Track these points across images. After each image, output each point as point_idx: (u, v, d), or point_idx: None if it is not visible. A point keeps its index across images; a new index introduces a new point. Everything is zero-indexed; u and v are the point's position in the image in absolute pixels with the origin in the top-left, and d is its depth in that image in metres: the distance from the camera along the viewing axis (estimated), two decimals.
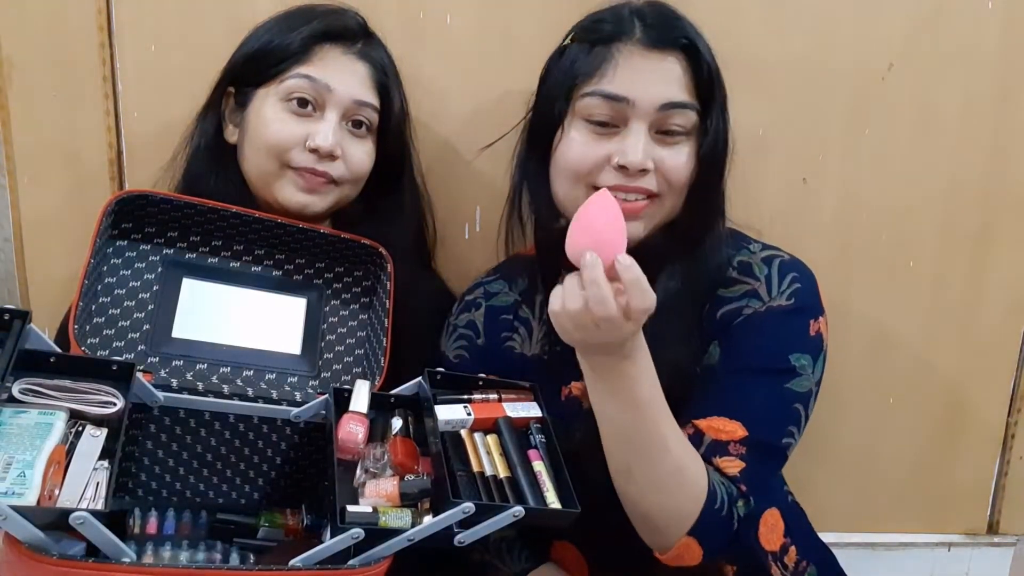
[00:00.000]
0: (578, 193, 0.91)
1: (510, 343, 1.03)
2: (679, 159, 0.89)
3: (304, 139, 0.99)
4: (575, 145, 0.91)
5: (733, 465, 0.85)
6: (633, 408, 0.80)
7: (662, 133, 0.89)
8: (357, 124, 1.02)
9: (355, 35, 1.03)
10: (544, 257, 1.00)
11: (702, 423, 0.87)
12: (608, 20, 0.92)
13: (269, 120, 0.99)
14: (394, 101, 1.05)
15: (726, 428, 0.86)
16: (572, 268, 0.79)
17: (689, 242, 0.93)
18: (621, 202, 0.87)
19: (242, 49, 1.03)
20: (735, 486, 0.85)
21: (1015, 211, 1.28)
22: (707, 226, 0.94)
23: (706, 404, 0.87)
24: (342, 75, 1.00)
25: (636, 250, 0.91)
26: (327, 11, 1.04)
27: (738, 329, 0.90)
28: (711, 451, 0.86)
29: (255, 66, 1.01)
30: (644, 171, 0.88)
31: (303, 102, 0.99)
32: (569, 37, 0.95)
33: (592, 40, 0.91)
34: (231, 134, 1.05)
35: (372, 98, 1.03)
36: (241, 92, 1.03)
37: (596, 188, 0.89)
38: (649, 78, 0.88)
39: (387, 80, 1.04)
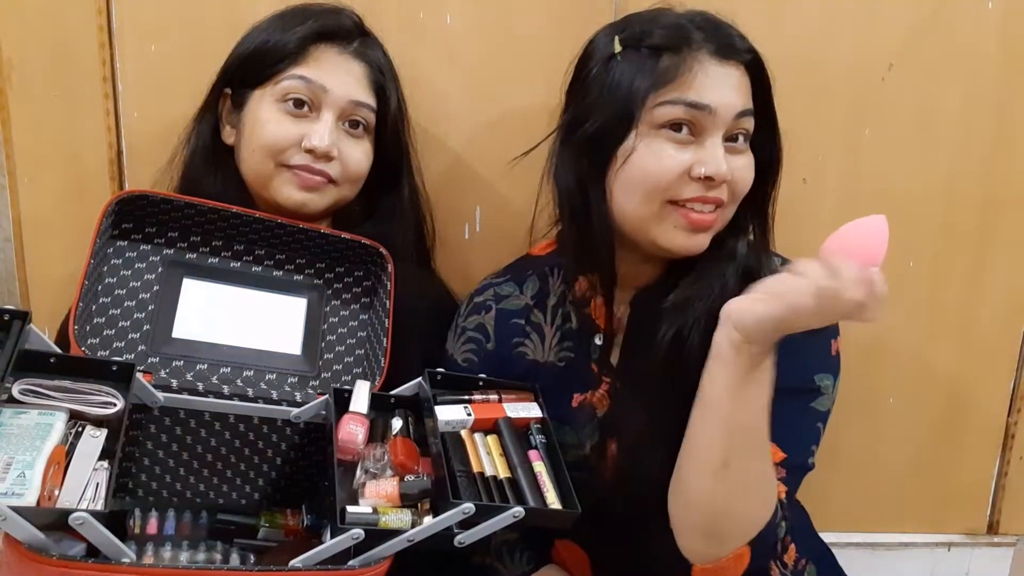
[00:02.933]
0: (651, 207, 0.88)
1: (521, 349, 1.03)
2: (746, 171, 0.90)
3: (300, 139, 0.98)
4: (654, 157, 0.87)
5: (780, 490, 0.86)
6: (762, 403, 0.80)
7: (730, 142, 0.89)
8: (354, 124, 1.02)
9: (351, 34, 1.03)
10: (576, 264, 0.98)
11: None
12: (667, 28, 0.88)
13: (265, 121, 0.99)
14: (391, 101, 1.05)
15: None
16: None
17: (731, 253, 0.93)
18: (699, 214, 0.88)
19: (238, 50, 1.03)
20: (782, 510, 0.86)
21: (1015, 211, 1.28)
22: (757, 235, 0.94)
23: None
24: (338, 75, 1.00)
25: (680, 264, 0.92)
26: (323, 11, 1.03)
27: None
28: None
29: (251, 67, 1.01)
30: (722, 182, 0.88)
31: (299, 103, 0.99)
32: (618, 43, 0.90)
33: (656, 47, 0.87)
34: (228, 135, 1.05)
35: (368, 98, 1.02)
36: (237, 94, 1.03)
37: (673, 202, 0.88)
38: (725, 88, 0.87)
39: (384, 80, 1.04)
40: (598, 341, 0.99)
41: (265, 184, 1.01)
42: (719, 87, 0.87)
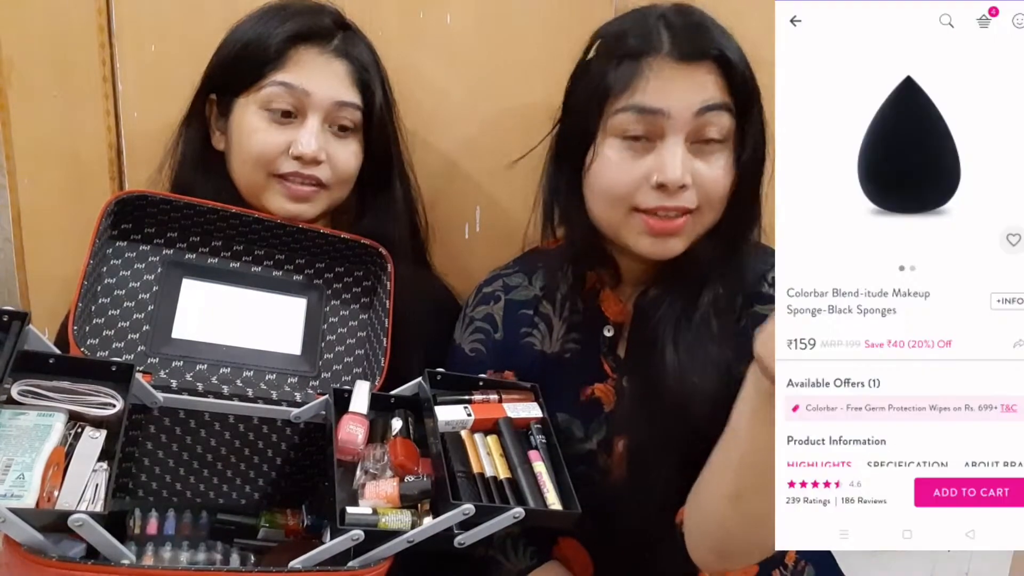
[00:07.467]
0: (616, 214, 0.89)
1: (529, 339, 1.03)
2: (717, 171, 0.87)
3: (288, 146, 0.97)
4: (611, 165, 0.87)
5: None
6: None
7: (699, 143, 0.86)
8: (340, 125, 1.01)
9: (330, 33, 1.01)
10: (575, 263, 0.99)
11: None
12: (634, 32, 0.88)
13: (251, 131, 0.98)
14: (376, 96, 1.03)
15: None
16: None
17: (728, 250, 0.91)
18: (661, 221, 0.86)
19: (219, 55, 1.02)
20: None
21: None
22: (744, 234, 0.91)
23: None
24: (320, 77, 0.98)
25: (677, 260, 0.90)
26: (300, 10, 1.01)
27: None
28: None
29: (232, 74, 1.00)
30: (683, 187, 0.85)
31: (283, 110, 0.98)
32: (593, 50, 0.91)
33: (619, 54, 0.87)
34: (218, 141, 1.04)
35: (353, 97, 1.01)
36: (222, 101, 1.02)
37: (636, 209, 0.87)
38: (682, 88, 0.85)
39: (368, 76, 1.02)
40: (608, 333, 0.98)
41: (257, 195, 1.00)
42: (674, 89, 0.85)
